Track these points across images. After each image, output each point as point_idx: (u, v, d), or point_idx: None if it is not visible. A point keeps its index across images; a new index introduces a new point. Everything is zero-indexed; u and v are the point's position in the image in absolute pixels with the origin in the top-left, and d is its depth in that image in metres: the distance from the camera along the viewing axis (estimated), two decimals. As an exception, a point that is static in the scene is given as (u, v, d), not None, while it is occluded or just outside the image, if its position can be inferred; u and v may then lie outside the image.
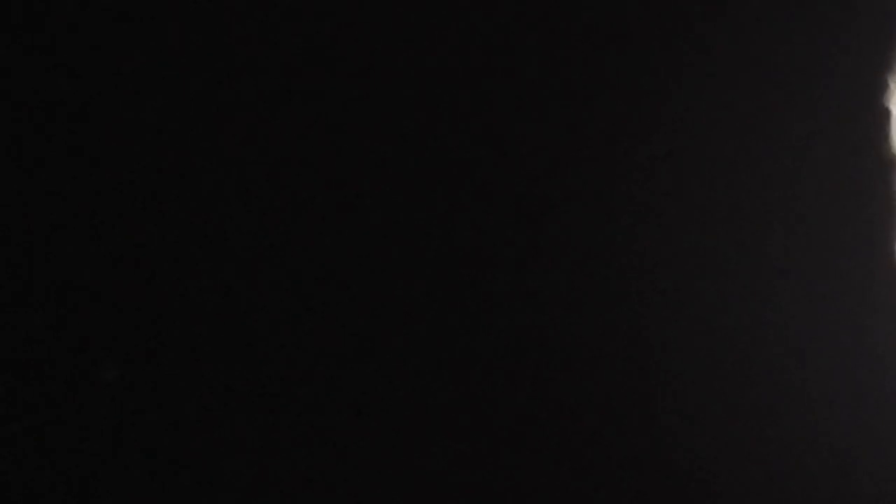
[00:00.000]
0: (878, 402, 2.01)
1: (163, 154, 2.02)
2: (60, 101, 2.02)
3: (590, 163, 2.04)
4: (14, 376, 1.98)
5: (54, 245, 2.00)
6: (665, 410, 2.01)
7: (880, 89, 2.04)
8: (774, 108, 2.05)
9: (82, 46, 2.03)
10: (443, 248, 2.03)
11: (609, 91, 2.06)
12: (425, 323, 2.02)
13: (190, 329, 1.99)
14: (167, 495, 1.98)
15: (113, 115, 2.02)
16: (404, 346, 2.02)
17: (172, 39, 2.03)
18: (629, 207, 2.03)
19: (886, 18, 2.05)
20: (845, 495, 2.01)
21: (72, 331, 1.98)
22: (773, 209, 2.04)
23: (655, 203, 2.03)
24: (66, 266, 1.99)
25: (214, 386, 1.99)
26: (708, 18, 2.06)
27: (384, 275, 2.02)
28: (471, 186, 2.04)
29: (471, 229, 2.03)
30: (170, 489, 1.98)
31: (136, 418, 1.98)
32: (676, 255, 2.03)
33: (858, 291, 2.02)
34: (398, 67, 2.05)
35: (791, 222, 2.04)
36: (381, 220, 2.03)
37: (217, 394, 1.99)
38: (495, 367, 2.02)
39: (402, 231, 2.03)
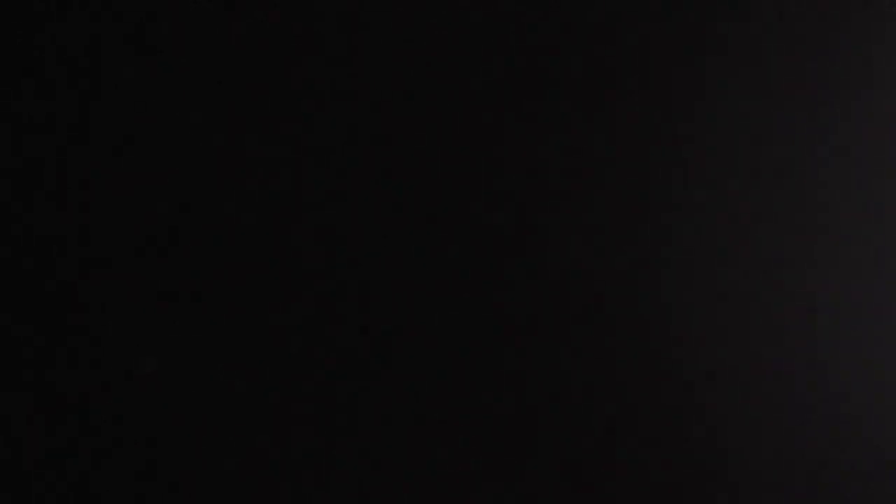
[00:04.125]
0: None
1: (196, 157, 2.01)
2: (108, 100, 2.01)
3: (606, 164, 2.04)
4: (54, 369, 1.97)
5: (92, 242, 1.99)
6: (681, 408, 2.02)
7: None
8: (795, 109, 2.05)
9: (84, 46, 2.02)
10: (447, 248, 2.03)
11: (624, 92, 2.06)
12: (432, 322, 2.02)
13: (226, 324, 1.99)
14: (203, 483, 1.97)
15: (158, 119, 2.01)
16: (414, 344, 2.02)
17: (173, 39, 2.02)
18: (649, 207, 2.04)
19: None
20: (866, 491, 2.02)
21: (111, 325, 1.97)
22: (793, 208, 2.05)
23: (672, 202, 2.04)
24: (104, 261, 1.98)
25: (250, 379, 1.98)
26: (727, 19, 2.06)
27: (398, 272, 2.02)
28: (479, 186, 2.04)
29: (480, 228, 2.03)
30: (205, 478, 1.97)
31: (173, 410, 1.97)
32: (692, 255, 2.03)
33: (881, 292, 2.03)
34: (405, 68, 2.05)
35: (806, 223, 2.05)
36: (392, 219, 2.03)
37: (254, 387, 1.98)
38: (504, 365, 2.02)
39: (410, 231, 2.03)
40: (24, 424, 1.96)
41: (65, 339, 1.97)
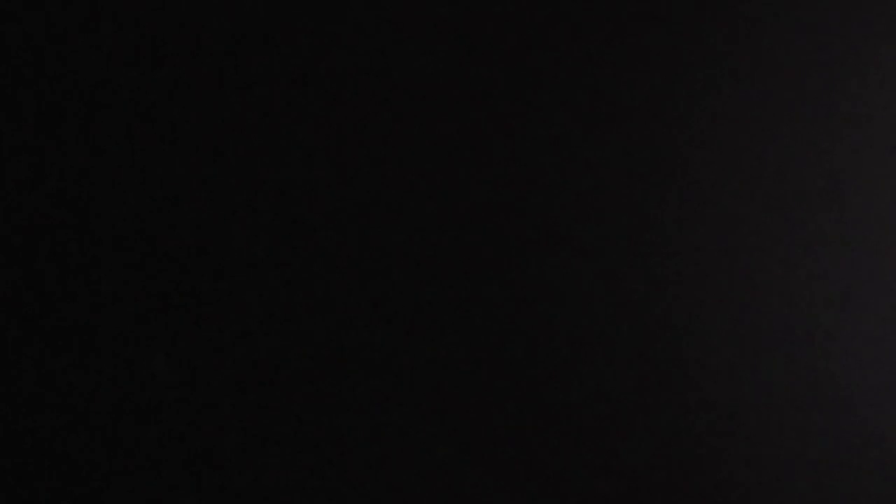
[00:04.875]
0: None
1: (207, 158, 2.01)
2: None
3: (615, 164, 2.03)
4: (65, 366, 1.97)
5: (106, 241, 1.99)
6: (690, 408, 2.01)
7: None
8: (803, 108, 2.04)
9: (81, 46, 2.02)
10: (452, 247, 2.02)
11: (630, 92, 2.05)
12: (432, 322, 2.02)
13: (235, 323, 1.99)
14: (213, 479, 1.97)
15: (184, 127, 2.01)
16: (422, 343, 2.02)
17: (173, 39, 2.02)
18: (651, 208, 2.03)
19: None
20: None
21: (122, 322, 1.98)
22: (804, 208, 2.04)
23: (674, 202, 2.03)
24: (117, 259, 1.98)
25: (259, 378, 1.98)
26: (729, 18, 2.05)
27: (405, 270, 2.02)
28: (484, 187, 2.03)
29: (487, 228, 2.02)
30: (215, 474, 1.98)
31: (184, 406, 1.97)
32: (694, 255, 2.03)
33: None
34: (406, 68, 2.04)
35: (809, 223, 2.03)
36: (395, 219, 2.02)
37: (264, 386, 1.98)
38: (514, 363, 2.02)
39: (410, 234, 2.02)
40: (33, 423, 1.96)
41: (75, 338, 1.97)
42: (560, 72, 2.04)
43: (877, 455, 1.99)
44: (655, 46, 2.04)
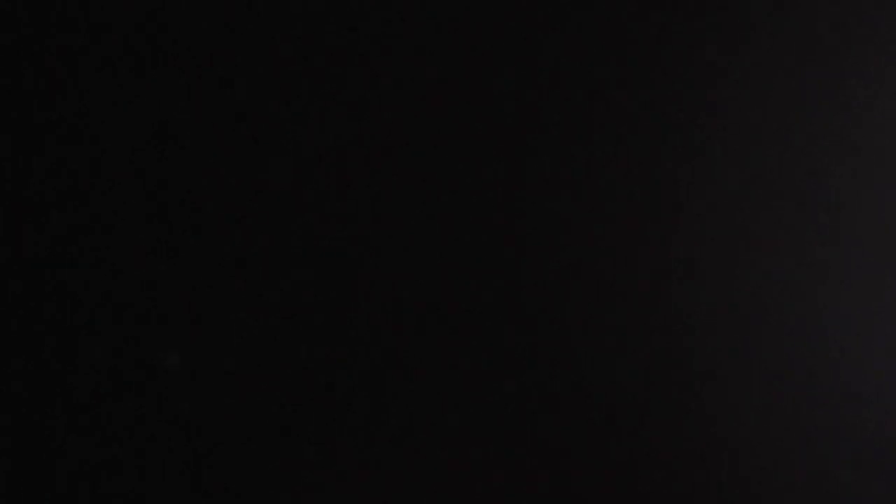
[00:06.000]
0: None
1: (218, 158, 2.02)
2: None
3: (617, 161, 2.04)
4: (78, 364, 1.98)
5: (118, 237, 1.99)
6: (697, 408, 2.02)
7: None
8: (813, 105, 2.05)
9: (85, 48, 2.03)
10: (448, 246, 2.03)
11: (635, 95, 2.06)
12: (435, 319, 2.03)
13: (245, 321, 2.00)
14: (228, 477, 1.98)
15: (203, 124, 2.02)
16: (427, 346, 2.02)
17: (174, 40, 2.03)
18: (654, 208, 2.04)
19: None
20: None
21: (134, 319, 1.98)
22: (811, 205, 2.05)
23: (677, 203, 2.04)
24: (128, 255, 1.99)
25: (270, 376, 1.99)
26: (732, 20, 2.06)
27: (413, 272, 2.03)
28: (489, 190, 2.04)
29: (491, 230, 2.03)
30: (229, 472, 1.98)
31: (197, 404, 1.98)
32: (697, 255, 2.03)
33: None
34: (409, 69, 2.05)
35: (810, 223, 2.04)
36: (399, 222, 2.03)
37: (273, 384, 1.99)
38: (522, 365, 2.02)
39: (418, 228, 2.03)
40: (45, 420, 1.97)
41: (90, 335, 1.98)
42: (560, 72, 2.04)
43: (877, 455, 2.00)
44: (657, 46, 2.04)
